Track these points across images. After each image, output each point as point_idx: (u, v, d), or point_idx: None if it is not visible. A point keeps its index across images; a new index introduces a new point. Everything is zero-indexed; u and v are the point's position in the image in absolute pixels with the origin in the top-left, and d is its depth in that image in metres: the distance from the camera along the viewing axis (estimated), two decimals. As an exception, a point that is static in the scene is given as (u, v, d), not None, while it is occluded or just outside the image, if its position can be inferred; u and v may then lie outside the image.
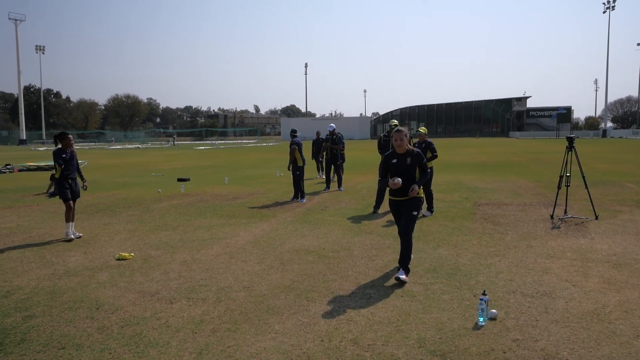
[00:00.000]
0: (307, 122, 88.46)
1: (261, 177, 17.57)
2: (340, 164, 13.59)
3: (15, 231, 8.30)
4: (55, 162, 7.62)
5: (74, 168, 7.77)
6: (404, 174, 5.29)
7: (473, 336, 3.78)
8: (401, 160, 5.34)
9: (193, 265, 5.95)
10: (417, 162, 5.32)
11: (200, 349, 3.66)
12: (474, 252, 6.33)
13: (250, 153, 39.17)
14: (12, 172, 22.07)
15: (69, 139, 7.76)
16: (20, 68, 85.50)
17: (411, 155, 5.33)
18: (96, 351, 3.64)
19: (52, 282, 5.36)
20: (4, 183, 16.99)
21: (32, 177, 19.23)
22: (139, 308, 4.53)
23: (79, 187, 7.90)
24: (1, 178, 19.28)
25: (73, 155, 7.76)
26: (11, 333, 3.99)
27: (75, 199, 7.80)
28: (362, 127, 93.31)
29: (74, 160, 7.76)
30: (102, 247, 7.00)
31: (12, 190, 14.76)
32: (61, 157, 7.59)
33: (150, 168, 23.47)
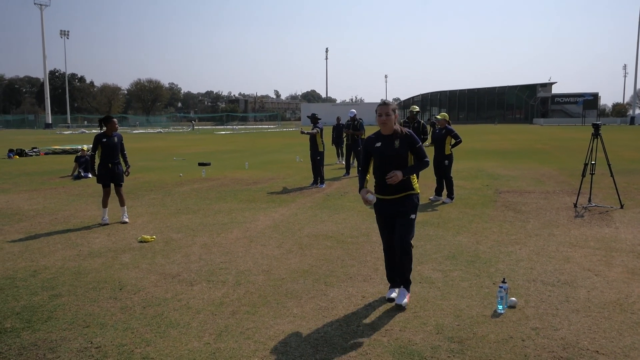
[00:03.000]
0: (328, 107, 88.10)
1: (281, 162, 17.63)
2: (360, 150, 13.55)
3: (41, 213, 8.51)
4: (94, 145, 7.58)
5: (116, 153, 7.60)
6: (392, 161, 4.06)
7: (492, 324, 3.76)
8: (387, 143, 4.10)
9: (213, 249, 6.03)
10: (410, 146, 4.08)
11: (219, 330, 3.72)
12: (494, 240, 6.27)
13: (270, 138, 39.29)
14: (38, 155, 22.57)
15: (114, 123, 7.62)
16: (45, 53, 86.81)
17: (400, 137, 4.09)
18: (119, 330, 3.74)
19: (77, 263, 5.50)
20: (30, 166, 17.39)
21: (58, 160, 19.63)
22: (161, 289, 4.62)
23: (121, 172, 7.72)
24: (28, 161, 19.74)
25: (119, 139, 7.63)
26: (39, 311, 4.12)
27: (119, 184, 7.67)
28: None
29: (117, 144, 7.60)
30: (125, 230, 7.13)
31: (38, 173, 15.12)
32: (100, 142, 7.51)
33: (172, 152, 23.74)
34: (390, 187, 4.08)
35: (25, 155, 21.90)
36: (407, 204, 4.12)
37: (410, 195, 4.14)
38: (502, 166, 15.29)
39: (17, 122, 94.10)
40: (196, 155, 21.74)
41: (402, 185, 4.09)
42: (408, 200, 4.13)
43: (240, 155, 21.17)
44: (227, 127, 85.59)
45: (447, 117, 9.44)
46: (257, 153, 22.80)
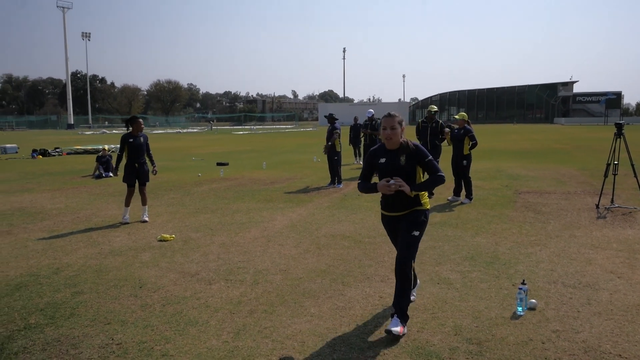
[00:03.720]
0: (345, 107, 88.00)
1: (298, 162, 17.67)
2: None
3: (64, 212, 8.68)
4: (121, 146, 7.67)
5: (141, 152, 7.69)
6: (393, 176, 3.67)
7: (511, 326, 3.72)
8: (392, 158, 3.73)
9: (231, 248, 6.08)
10: (418, 161, 3.70)
11: (238, 328, 3.75)
12: (513, 241, 6.20)
13: (287, 138, 39.40)
14: (61, 155, 23.00)
15: (139, 123, 7.71)
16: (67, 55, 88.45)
17: (407, 151, 3.70)
18: (139, 327, 3.79)
19: (99, 261, 5.59)
20: (53, 166, 17.74)
21: (80, 160, 19.98)
22: (180, 288, 4.68)
23: (146, 171, 7.82)
24: (51, 161, 20.13)
25: (145, 139, 7.71)
26: (61, 307, 4.21)
27: (144, 183, 7.78)
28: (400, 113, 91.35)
29: (142, 144, 7.69)
30: (144, 229, 7.23)
31: (60, 172, 15.41)
32: (127, 142, 7.61)
33: (191, 152, 23.97)
34: (396, 202, 3.73)
35: (48, 155, 22.34)
36: (411, 220, 3.71)
37: (417, 212, 3.74)
38: (521, 166, 15.09)
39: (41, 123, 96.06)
40: (214, 155, 21.92)
41: (408, 201, 3.72)
42: (414, 215, 3.73)
43: (258, 155, 21.28)
44: (244, 127, 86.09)
45: (466, 116, 9.36)
46: (275, 153, 22.89)
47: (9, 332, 3.74)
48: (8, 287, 4.74)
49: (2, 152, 24.48)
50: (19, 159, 20.94)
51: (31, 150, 23.01)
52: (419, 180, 3.75)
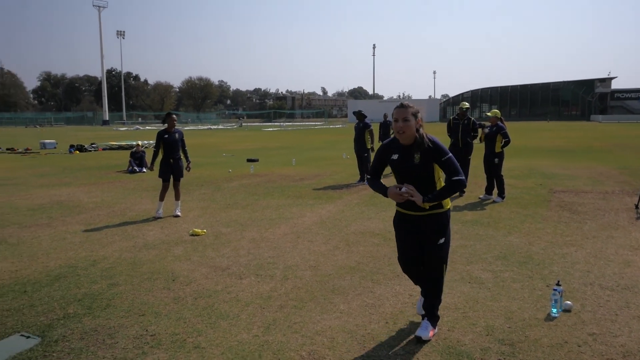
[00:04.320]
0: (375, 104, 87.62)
1: (327, 159, 17.68)
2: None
3: (100, 205, 8.93)
4: (156, 142, 7.82)
5: (176, 148, 7.80)
6: (411, 180, 3.31)
7: (545, 327, 3.64)
8: (405, 156, 3.33)
9: (261, 243, 6.14)
10: (435, 159, 3.28)
11: (268, 323, 3.79)
12: (547, 241, 6.06)
13: (317, 135, 39.46)
14: (96, 150, 23.64)
15: (172, 119, 7.83)
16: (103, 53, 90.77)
17: (421, 148, 3.27)
18: (172, 319, 3.87)
19: (133, 254, 5.73)
20: (89, 161, 18.26)
21: (114, 155, 20.50)
22: (211, 282, 4.75)
23: (181, 167, 7.96)
24: (87, 156, 20.72)
25: (180, 135, 7.83)
26: (98, 298, 4.33)
27: (178, 178, 7.91)
28: (430, 110, 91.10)
29: (177, 140, 7.81)
30: (177, 223, 7.37)
31: (96, 167, 15.85)
32: (162, 138, 7.75)
33: (221, 148, 24.27)
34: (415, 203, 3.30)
35: (84, 151, 23.00)
36: (433, 225, 3.37)
37: (437, 215, 3.36)
38: (556, 165, 14.72)
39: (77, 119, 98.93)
40: (244, 151, 22.14)
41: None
42: (434, 220, 3.36)
43: (287, 152, 21.39)
44: (274, 124, 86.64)
45: (498, 114, 9.18)
46: (304, 150, 22.96)
47: (49, 320, 3.88)
48: (48, 277, 4.91)
49: (42, 147, 25.34)
50: (58, 154, 21.63)
51: (69, 146, 23.74)
52: (437, 182, 3.36)
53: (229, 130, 56.94)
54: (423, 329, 3.49)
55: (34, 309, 4.12)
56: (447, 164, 3.27)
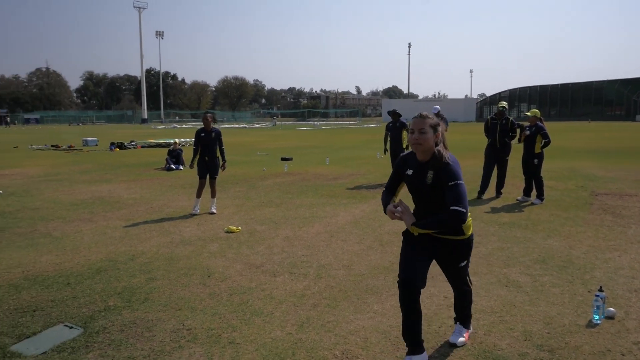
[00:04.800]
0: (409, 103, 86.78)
1: (361, 159, 17.62)
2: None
3: (139, 202, 9.17)
4: (195, 140, 8.01)
5: (212, 147, 7.92)
6: (423, 198, 3.09)
7: (586, 334, 3.53)
8: (419, 173, 3.06)
9: (295, 242, 6.18)
10: (446, 182, 2.92)
11: (301, 321, 3.81)
12: (589, 245, 5.86)
13: (350, 134, 39.38)
14: (135, 148, 24.29)
15: (205, 119, 7.98)
16: (142, 52, 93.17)
17: (437, 166, 2.97)
18: (208, 315, 3.94)
19: (170, 250, 5.86)
20: (129, 158, 18.78)
21: (153, 153, 21.01)
22: (246, 278, 4.81)
23: (217, 165, 8.07)
24: (127, 153, 21.31)
25: (216, 135, 7.93)
26: (137, 292, 4.45)
27: (213, 177, 8.05)
28: (467, 110, 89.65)
29: (213, 139, 7.91)
30: (212, 220, 7.49)
31: (136, 164, 16.28)
32: (199, 136, 7.93)
33: (256, 147, 24.53)
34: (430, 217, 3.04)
35: (124, 148, 23.68)
36: (454, 250, 3.17)
37: (457, 242, 3.13)
38: (598, 166, 14.22)
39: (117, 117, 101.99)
40: (278, 150, 22.31)
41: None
42: (456, 245, 3.15)
43: (321, 151, 21.43)
44: (308, 122, 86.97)
45: (538, 113, 8.94)
46: (338, 149, 22.95)
47: (91, 312, 4.01)
48: (90, 270, 5.08)
49: (84, 144, 26.23)
50: (99, 152, 22.33)
51: (109, 143, 24.48)
52: None
53: (263, 129, 57.49)
54: (456, 334, 3.43)
55: (77, 300, 4.27)
56: (452, 190, 2.87)
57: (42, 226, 7.15)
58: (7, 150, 23.46)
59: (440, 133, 3.05)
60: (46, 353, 3.34)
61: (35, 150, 23.53)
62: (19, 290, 4.51)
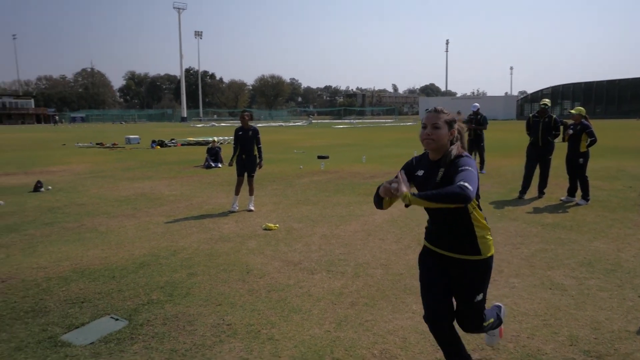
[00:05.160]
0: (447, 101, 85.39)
1: (398, 157, 17.46)
2: (482, 145, 12.99)
3: (179, 198, 9.38)
4: (234, 137, 8.16)
5: (249, 145, 8.03)
6: None
7: (637, 341, 3.38)
8: (431, 173, 2.73)
9: (332, 240, 6.18)
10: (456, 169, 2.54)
11: (339, 319, 3.81)
12: (639, 248, 5.62)
13: (387, 132, 39.08)
14: (175, 145, 24.85)
15: (242, 117, 8.12)
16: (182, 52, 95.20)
17: (448, 163, 2.64)
18: (247, 311, 4.00)
19: (210, 246, 5.97)
20: (169, 155, 19.23)
21: (192, 150, 21.44)
22: (284, 276, 4.85)
23: (253, 163, 8.17)
24: (167, 151, 21.83)
25: (254, 133, 8.05)
26: (179, 287, 4.56)
27: (251, 174, 8.15)
28: (507, 107, 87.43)
29: (250, 137, 8.02)
30: (251, 217, 7.59)
31: (176, 162, 16.66)
32: (237, 134, 8.09)
33: (292, 145, 24.67)
34: (444, 233, 2.76)
35: (165, 146, 24.26)
36: (469, 273, 2.72)
37: (474, 263, 2.69)
38: (648, 166, 13.60)
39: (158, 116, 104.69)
40: (315, 148, 22.37)
41: (462, 235, 2.70)
42: (470, 272, 2.72)
43: (357, 149, 21.36)
44: (344, 120, 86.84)
45: (583, 111, 8.64)
46: (374, 147, 22.82)
47: (135, 305, 4.13)
48: (134, 264, 5.24)
49: (127, 142, 27.03)
50: (141, 149, 22.97)
51: (150, 141, 25.14)
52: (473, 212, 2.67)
53: (300, 127, 57.77)
54: (489, 337, 3.21)
55: (122, 293, 4.41)
56: (462, 172, 2.48)
57: (88, 221, 7.42)
58: (56, 148, 24.43)
59: (457, 131, 2.74)
60: (94, 343, 3.46)
61: (81, 148, 24.42)
62: (68, 283, 4.70)
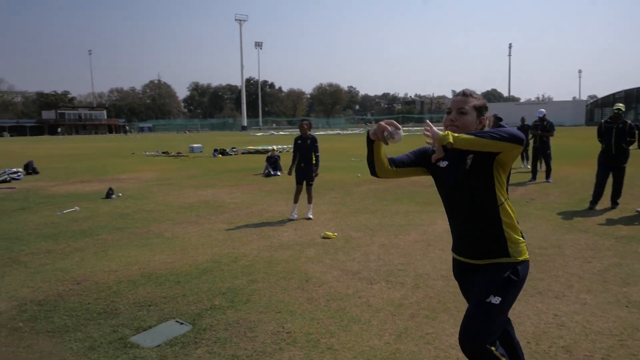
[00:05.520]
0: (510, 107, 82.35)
1: (459, 165, 17.06)
2: (549, 153, 12.43)
3: (240, 206, 9.61)
4: (293, 146, 8.33)
5: (307, 153, 8.14)
6: (459, 195, 2.38)
7: None
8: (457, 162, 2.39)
9: (391, 249, 6.11)
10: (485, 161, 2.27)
11: (399, 331, 3.75)
12: None
13: (446, 140, 38.27)
14: (236, 154, 25.53)
15: (301, 126, 8.29)
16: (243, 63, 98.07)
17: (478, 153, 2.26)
18: (306, 319, 4.02)
19: (270, 253, 6.07)
20: (230, 164, 19.78)
21: (252, 159, 21.95)
22: (342, 285, 4.85)
23: (311, 171, 8.25)
24: (229, 159, 22.47)
25: (312, 141, 8.18)
26: (240, 293, 4.66)
27: (309, 183, 8.24)
28: (575, 112, 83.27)
29: (308, 146, 8.14)
30: (309, 226, 7.65)
31: (236, 170, 17.11)
32: (296, 143, 8.25)
33: (350, 153, 24.68)
34: (466, 238, 2.43)
35: (226, 154, 24.99)
36: (490, 275, 2.33)
37: (500, 266, 2.32)
38: None
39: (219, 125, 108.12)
40: (373, 156, 22.23)
41: (487, 239, 2.35)
42: (493, 272, 2.33)
43: (416, 157, 21.05)
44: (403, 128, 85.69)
45: (623, 108, 8.09)
46: (433, 155, 22.40)
47: (198, 310, 4.26)
48: (197, 270, 5.41)
49: (191, 151, 28.06)
50: (204, 158, 23.78)
51: (213, 150, 25.97)
52: (500, 193, 2.32)
53: (357, 134, 57.72)
54: None
55: (186, 298, 4.57)
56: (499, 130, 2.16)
57: (155, 227, 7.75)
58: (126, 157, 25.77)
59: (488, 120, 2.41)
60: (160, 346, 3.60)
61: (148, 157, 25.62)
62: (136, 286, 4.92)
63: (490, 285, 2.30)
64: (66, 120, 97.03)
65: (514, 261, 2.32)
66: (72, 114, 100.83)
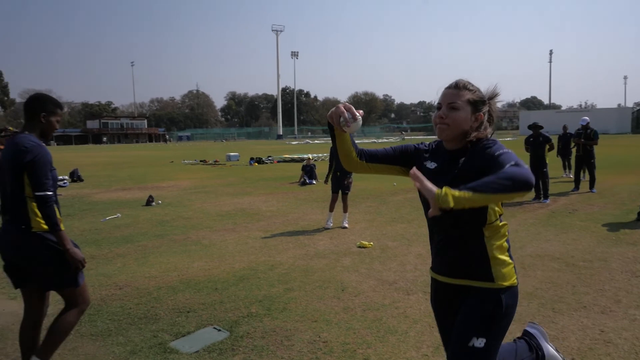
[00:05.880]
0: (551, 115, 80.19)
1: (497, 174, 16.70)
2: (593, 162, 12.02)
3: (276, 214, 9.69)
4: (330, 156, 8.39)
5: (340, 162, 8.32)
6: None
7: None
8: (446, 165, 2.09)
9: (428, 260, 5.95)
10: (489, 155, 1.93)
11: (437, 343, 3.68)
12: None
13: (484, 148, 37.58)
14: (272, 162, 25.79)
15: None
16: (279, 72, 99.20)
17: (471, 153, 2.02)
18: (342, 329, 4.00)
19: (305, 262, 6.08)
20: (266, 172, 19.99)
21: (288, 167, 22.12)
22: (379, 295, 4.80)
23: (346, 181, 8.29)
24: (264, 168, 22.72)
25: None
26: (276, 301, 4.69)
27: (344, 192, 8.26)
28: (620, 120, 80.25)
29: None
30: (345, 234, 7.63)
31: (272, 178, 17.28)
32: (331, 152, 8.28)
33: (385, 162, 24.57)
34: (444, 253, 2.13)
35: (262, 163, 25.28)
36: (470, 309, 2.02)
37: (482, 294, 2.02)
38: None
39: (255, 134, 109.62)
40: (408, 165, 22.05)
41: (468, 260, 2.06)
42: (474, 305, 2.02)
43: (453, 166, 20.75)
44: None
45: None
46: (471, 164, 22.03)
47: (235, 317, 4.31)
48: (234, 277, 5.48)
49: (227, 159, 28.54)
50: (240, 166, 24.13)
51: (249, 158, 26.32)
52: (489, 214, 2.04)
53: (392, 143, 57.38)
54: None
55: (223, 305, 4.62)
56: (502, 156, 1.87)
57: (193, 234, 7.90)
58: (165, 165, 26.43)
59: (485, 115, 2.06)
60: (198, 352, 3.65)
61: (187, 165, 26.18)
62: (175, 292, 5.02)
63: (470, 324, 1.99)
64: (109, 130, 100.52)
65: (498, 287, 2.00)
66: (115, 123, 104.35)
